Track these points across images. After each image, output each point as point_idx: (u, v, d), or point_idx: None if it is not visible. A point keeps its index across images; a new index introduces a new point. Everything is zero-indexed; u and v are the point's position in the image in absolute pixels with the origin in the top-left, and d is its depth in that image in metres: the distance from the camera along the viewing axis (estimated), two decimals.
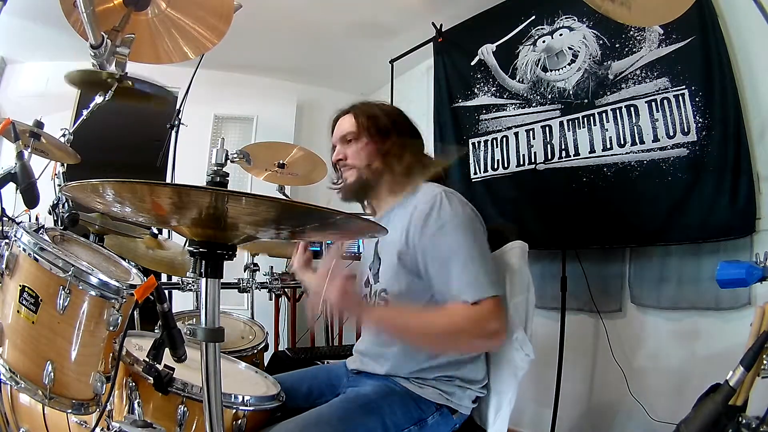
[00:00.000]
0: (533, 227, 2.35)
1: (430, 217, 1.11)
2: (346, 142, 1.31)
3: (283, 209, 0.66)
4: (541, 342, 2.19)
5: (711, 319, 1.83)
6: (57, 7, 1.08)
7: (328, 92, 4.12)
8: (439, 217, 1.11)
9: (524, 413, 2.46)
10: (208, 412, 0.73)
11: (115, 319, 1.02)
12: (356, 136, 1.29)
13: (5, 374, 0.93)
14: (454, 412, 1.14)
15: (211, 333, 0.74)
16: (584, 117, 2.20)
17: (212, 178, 0.76)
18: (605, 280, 2.18)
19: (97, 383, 1.00)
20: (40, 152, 1.63)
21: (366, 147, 1.28)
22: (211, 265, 0.74)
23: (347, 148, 1.30)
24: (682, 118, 1.86)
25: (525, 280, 1.20)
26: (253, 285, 2.30)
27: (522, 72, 2.51)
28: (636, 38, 2.03)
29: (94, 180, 0.59)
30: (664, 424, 1.83)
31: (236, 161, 0.85)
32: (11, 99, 3.41)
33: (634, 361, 2.08)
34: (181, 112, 2.62)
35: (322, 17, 2.99)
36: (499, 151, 2.59)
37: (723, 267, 1.06)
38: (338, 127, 1.34)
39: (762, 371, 0.92)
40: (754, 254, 1.17)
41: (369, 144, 1.27)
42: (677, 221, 1.86)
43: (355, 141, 1.29)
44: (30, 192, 1.19)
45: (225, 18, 1.23)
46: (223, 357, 1.39)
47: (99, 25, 0.97)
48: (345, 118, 1.33)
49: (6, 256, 1.00)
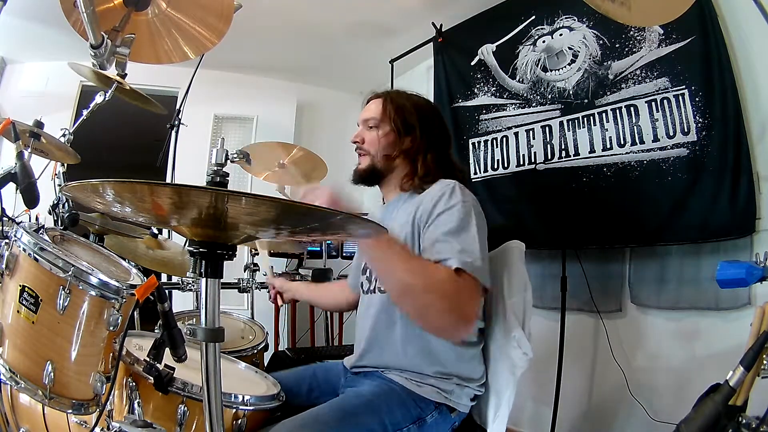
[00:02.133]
0: (533, 227, 2.35)
1: (441, 200, 1.11)
2: (367, 127, 1.30)
3: (283, 209, 0.66)
4: (541, 342, 2.19)
5: (711, 319, 1.83)
6: (57, 7, 1.08)
7: (328, 92, 4.12)
8: (448, 200, 1.10)
9: (524, 413, 2.46)
10: (208, 412, 0.73)
11: (115, 319, 1.02)
12: (379, 123, 1.28)
13: (5, 374, 0.93)
14: (453, 410, 1.14)
15: (211, 333, 0.74)
16: (584, 117, 2.20)
17: (212, 178, 0.76)
18: (605, 280, 2.18)
19: (97, 383, 1.00)
20: (40, 152, 1.63)
21: (386, 137, 1.27)
22: (211, 265, 0.74)
23: (367, 132, 1.29)
24: (682, 118, 1.86)
25: (522, 280, 1.21)
26: (253, 285, 2.30)
27: (522, 72, 2.51)
28: (636, 38, 2.03)
29: (94, 180, 0.59)
30: (664, 424, 1.83)
31: (236, 161, 0.86)
32: (11, 99, 3.41)
33: (634, 361, 2.08)
34: (181, 112, 2.62)
35: (322, 17, 2.99)
36: (499, 151, 2.59)
37: (723, 267, 1.06)
38: (365, 109, 1.33)
39: (762, 371, 0.92)
40: (754, 254, 1.17)
41: (390, 134, 1.26)
42: (677, 221, 1.86)
43: (376, 128, 1.28)
44: (30, 192, 1.19)
45: (225, 18, 1.23)
46: (223, 357, 1.39)
47: (99, 25, 0.97)
48: (374, 102, 1.32)
49: (6, 256, 1.00)
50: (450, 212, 1.09)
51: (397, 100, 1.30)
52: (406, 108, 1.28)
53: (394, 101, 1.29)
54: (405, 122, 1.26)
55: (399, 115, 1.26)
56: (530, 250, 1.29)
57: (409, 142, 1.26)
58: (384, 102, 1.29)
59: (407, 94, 1.33)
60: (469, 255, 1.02)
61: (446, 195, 1.12)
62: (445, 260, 1.01)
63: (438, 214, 1.10)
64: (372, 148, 1.28)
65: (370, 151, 1.28)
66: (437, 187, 1.17)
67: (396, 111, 1.27)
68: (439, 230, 1.07)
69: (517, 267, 1.21)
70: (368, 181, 1.31)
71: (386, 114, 1.27)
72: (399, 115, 1.26)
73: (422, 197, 1.17)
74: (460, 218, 1.07)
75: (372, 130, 1.28)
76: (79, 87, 3.43)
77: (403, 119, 1.26)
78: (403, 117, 1.26)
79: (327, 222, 0.72)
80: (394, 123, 1.26)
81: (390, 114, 1.27)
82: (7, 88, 3.44)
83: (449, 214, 1.08)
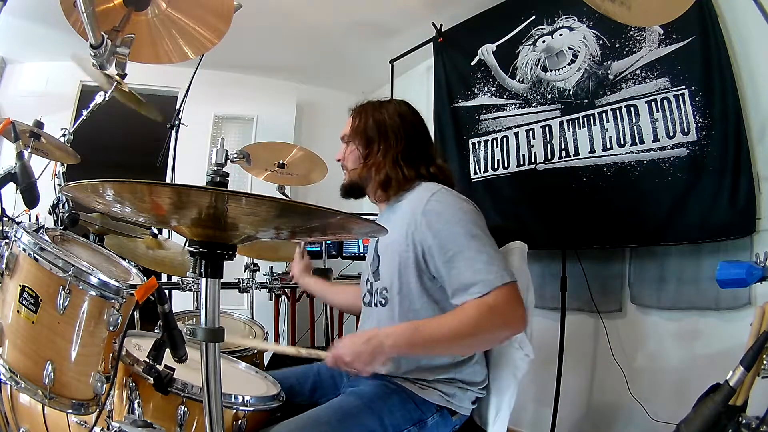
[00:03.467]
0: (533, 227, 2.35)
1: (429, 213, 1.11)
2: (345, 142, 1.34)
3: (283, 209, 0.66)
4: (541, 342, 2.19)
5: (711, 319, 1.83)
6: (57, 7, 1.08)
7: (328, 92, 4.12)
8: (437, 213, 1.11)
9: (524, 413, 2.46)
10: (208, 413, 0.73)
11: (115, 319, 1.02)
12: (349, 138, 1.32)
13: (5, 374, 0.93)
14: (454, 413, 1.15)
15: (211, 333, 0.74)
16: (584, 117, 2.20)
17: (212, 178, 0.76)
18: (605, 280, 2.18)
19: (97, 383, 1.00)
20: (40, 152, 1.63)
21: (353, 152, 1.31)
22: (211, 265, 0.74)
23: (345, 148, 1.34)
24: (682, 118, 1.86)
25: (524, 281, 1.20)
26: (253, 285, 2.31)
27: (522, 72, 2.51)
28: (636, 38, 2.03)
29: (94, 180, 0.59)
30: (664, 424, 1.83)
31: (236, 161, 0.86)
32: (11, 99, 3.41)
33: (634, 361, 2.08)
34: (181, 112, 2.62)
35: (322, 17, 2.99)
36: (499, 151, 2.59)
37: (723, 267, 1.06)
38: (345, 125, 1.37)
39: (762, 371, 0.92)
40: (754, 254, 1.17)
41: (356, 149, 1.30)
42: (677, 221, 1.86)
43: (348, 143, 1.33)
44: (30, 192, 1.19)
45: (225, 18, 1.23)
46: (223, 357, 1.39)
47: (99, 25, 0.97)
48: (350, 117, 1.35)
49: (6, 256, 1.00)
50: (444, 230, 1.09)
51: (362, 113, 1.32)
52: (367, 121, 1.30)
53: (359, 115, 1.32)
54: (365, 135, 1.29)
55: (360, 129, 1.30)
56: (530, 250, 1.29)
57: (374, 153, 1.28)
58: (353, 117, 1.33)
59: (374, 105, 1.33)
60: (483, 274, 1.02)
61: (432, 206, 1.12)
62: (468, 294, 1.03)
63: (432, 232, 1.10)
64: (350, 164, 1.32)
65: (347, 166, 1.33)
66: (417, 197, 1.18)
67: (358, 125, 1.30)
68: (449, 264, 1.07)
69: (519, 267, 1.21)
70: (352, 194, 1.35)
71: (353, 129, 1.31)
72: (360, 129, 1.30)
73: (408, 205, 1.19)
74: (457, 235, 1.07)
75: (347, 147, 1.33)
76: (79, 87, 3.43)
77: (363, 132, 1.29)
78: (363, 130, 1.29)
79: (327, 222, 0.72)
80: (358, 137, 1.30)
81: (358, 128, 1.30)
82: (7, 88, 3.44)
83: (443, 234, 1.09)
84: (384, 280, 1.21)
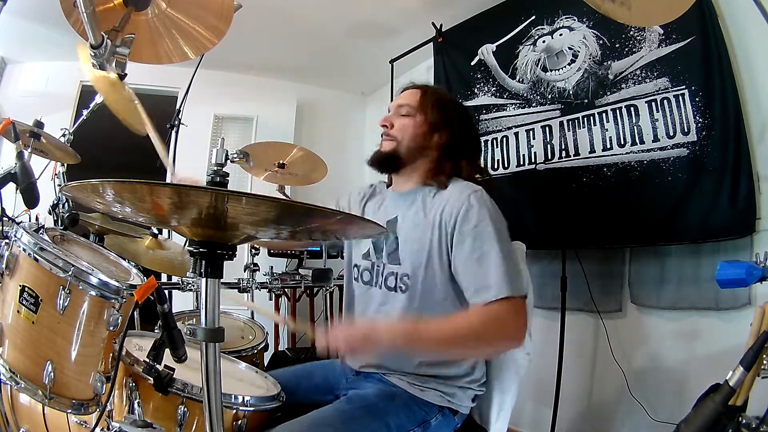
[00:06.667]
0: (533, 227, 2.35)
1: (466, 216, 1.10)
2: (399, 114, 1.27)
3: (283, 209, 0.66)
4: (541, 342, 2.19)
5: (711, 319, 1.83)
6: (57, 7, 1.08)
7: (328, 92, 4.12)
8: (475, 218, 1.10)
9: (524, 413, 2.46)
10: (208, 413, 0.73)
11: (115, 319, 1.02)
12: (414, 112, 1.25)
13: (5, 374, 0.93)
14: (456, 412, 1.15)
15: (211, 333, 0.74)
16: (584, 117, 2.20)
17: (212, 178, 0.76)
18: (605, 280, 2.18)
19: (97, 383, 1.00)
20: (40, 152, 1.63)
21: (419, 127, 1.24)
22: (211, 265, 0.74)
23: (398, 119, 1.27)
24: (682, 118, 1.86)
25: (524, 281, 1.20)
26: (253, 285, 2.30)
27: (522, 72, 2.51)
28: (636, 38, 2.03)
29: (94, 180, 0.59)
30: (664, 424, 1.83)
31: (236, 161, 0.85)
32: (11, 99, 3.41)
33: (634, 361, 2.08)
34: (181, 112, 2.62)
35: (322, 17, 2.99)
36: (499, 151, 2.59)
37: (723, 267, 1.05)
38: (400, 97, 1.31)
39: (762, 371, 0.91)
40: (754, 254, 1.16)
41: (423, 125, 1.24)
42: (677, 221, 1.86)
43: (409, 116, 1.26)
44: (30, 192, 1.19)
45: (225, 18, 1.23)
46: (223, 357, 1.39)
47: (99, 25, 0.97)
48: (411, 91, 1.30)
49: (6, 256, 1.00)
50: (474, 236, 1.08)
51: (439, 96, 1.28)
52: (446, 103, 1.26)
53: (434, 94, 1.28)
54: (444, 117, 1.24)
55: (438, 108, 1.24)
56: (530, 250, 1.29)
57: (446, 136, 1.24)
58: (423, 93, 1.28)
59: (445, 91, 1.32)
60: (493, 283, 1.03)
61: (471, 210, 1.10)
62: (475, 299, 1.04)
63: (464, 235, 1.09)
64: (400, 134, 1.25)
65: (397, 137, 1.25)
66: (463, 190, 1.15)
67: (435, 104, 1.25)
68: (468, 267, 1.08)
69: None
70: (385, 166, 1.29)
71: (424, 105, 1.25)
72: (438, 109, 1.24)
73: (446, 197, 1.16)
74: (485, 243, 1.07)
75: (404, 118, 1.26)
76: (79, 87, 3.43)
77: (443, 113, 1.24)
78: (443, 111, 1.24)
79: (327, 222, 0.72)
80: (431, 115, 1.24)
81: (428, 106, 1.24)
82: (7, 88, 3.44)
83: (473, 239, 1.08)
84: (405, 266, 1.18)
